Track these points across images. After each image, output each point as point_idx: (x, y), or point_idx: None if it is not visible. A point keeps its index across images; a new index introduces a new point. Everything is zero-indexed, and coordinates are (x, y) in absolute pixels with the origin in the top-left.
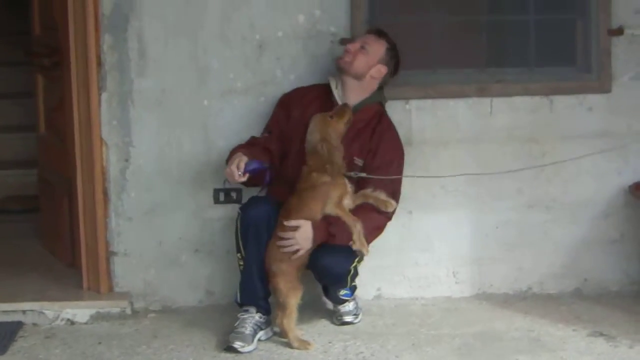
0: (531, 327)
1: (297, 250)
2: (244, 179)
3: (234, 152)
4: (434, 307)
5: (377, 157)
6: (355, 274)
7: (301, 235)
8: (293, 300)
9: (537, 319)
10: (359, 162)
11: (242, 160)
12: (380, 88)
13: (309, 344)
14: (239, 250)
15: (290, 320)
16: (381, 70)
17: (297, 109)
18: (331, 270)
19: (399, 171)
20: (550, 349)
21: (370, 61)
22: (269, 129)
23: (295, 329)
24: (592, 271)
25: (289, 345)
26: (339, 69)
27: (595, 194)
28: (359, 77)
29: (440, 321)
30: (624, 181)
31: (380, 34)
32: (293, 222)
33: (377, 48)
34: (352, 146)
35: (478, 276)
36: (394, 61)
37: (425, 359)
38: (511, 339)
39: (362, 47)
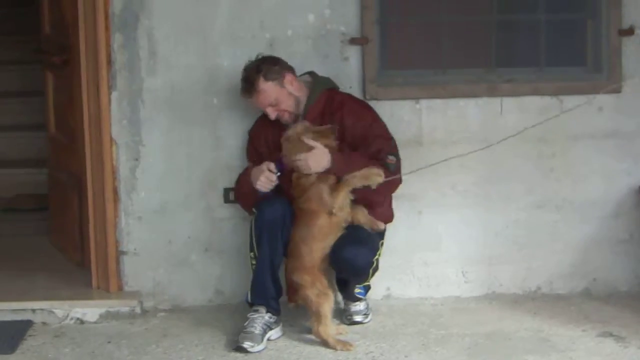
0: (540, 327)
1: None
2: (275, 179)
3: (244, 174)
4: (444, 307)
5: (354, 128)
6: (377, 267)
7: (313, 157)
8: (326, 306)
9: (546, 319)
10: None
11: (269, 164)
12: (310, 73)
13: (350, 345)
14: (252, 249)
15: (326, 328)
16: (289, 79)
17: (264, 146)
18: (354, 263)
19: (380, 124)
20: (559, 349)
21: (283, 96)
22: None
23: (333, 333)
24: (601, 271)
25: (298, 344)
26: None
27: (605, 194)
28: (298, 101)
29: (450, 321)
30: (634, 181)
31: (249, 89)
32: (311, 142)
33: (268, 93)
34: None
35: (487, 276)
36: (273, 64)
37: (435, 358)
38: (520, 339)
39: (272, 105)
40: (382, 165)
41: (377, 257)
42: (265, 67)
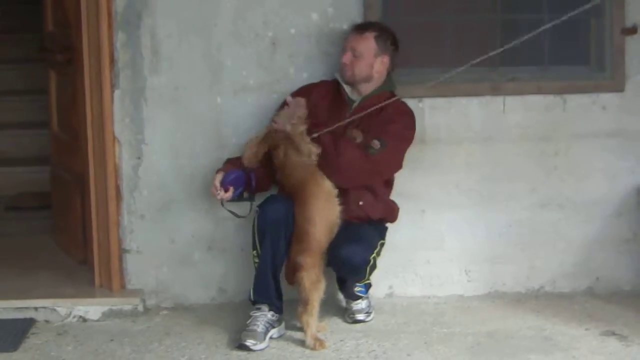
0: (543, 326)
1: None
2: (229, 194)
3: (219, 169)
4: (446, 306)
5: (382, 123)
6: (374, 266)
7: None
8: (315, 295)
9: (549, 317)
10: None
11: (216, 178)
12: (388, 74)
13: (324, 345)
14: (255, 248)
15: (309, 317)
16: (384, 61)
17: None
18: (351, 261)
19: (402, 132)
20: (562, 348)
21: (368, 61)
22: None
23: (315, 327)
24: (604, 270)
25: (300, 343)
26: (348, 83)
27: (608, 193)
28: (367, 79)
29: (453, 320)
30: (637, 180)
31: (361, 28)
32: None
33: (366, 45)
34: (366, 137)
35: (490, 275)
36: (390, 41)
37: (438, 357)
38: (523, 337)
39: (355, 55)
40: (359, 145)
41: (374, 255)
42: (383, 32)
